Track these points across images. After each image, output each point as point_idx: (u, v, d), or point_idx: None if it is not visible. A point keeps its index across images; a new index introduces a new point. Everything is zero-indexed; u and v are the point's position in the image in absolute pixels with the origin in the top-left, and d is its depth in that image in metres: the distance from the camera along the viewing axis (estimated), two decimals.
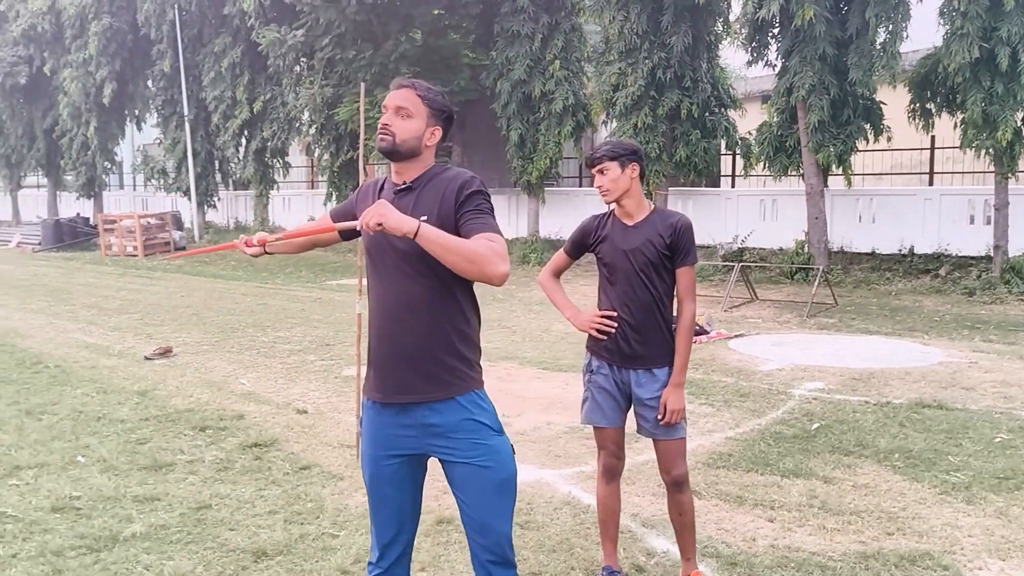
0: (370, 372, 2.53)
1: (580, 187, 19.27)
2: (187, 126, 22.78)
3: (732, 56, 16.84)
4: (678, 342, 3.22)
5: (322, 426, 5.76)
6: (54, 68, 24.96)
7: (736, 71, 19.67)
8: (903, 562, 3.58)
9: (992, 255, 12.35)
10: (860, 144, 13.41)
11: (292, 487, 4.54)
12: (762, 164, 14.49)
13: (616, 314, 3.24)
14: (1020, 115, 11.48)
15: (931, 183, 15.27)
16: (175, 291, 13.60)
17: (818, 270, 11.82)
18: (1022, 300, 11.26)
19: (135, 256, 20.88)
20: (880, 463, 4.87)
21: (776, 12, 12.36)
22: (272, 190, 22.68)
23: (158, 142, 25.90)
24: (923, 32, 12.76)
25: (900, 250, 13.73)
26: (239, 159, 23.21)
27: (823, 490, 4.44)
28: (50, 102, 26.44)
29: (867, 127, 13.30)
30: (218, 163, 23.82)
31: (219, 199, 24.52)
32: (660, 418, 3.19)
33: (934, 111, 12.91)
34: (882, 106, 13.28)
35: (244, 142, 22.54)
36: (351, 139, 18.75)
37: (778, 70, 13.73)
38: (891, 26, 12.14)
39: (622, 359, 3.25)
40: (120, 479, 4.65)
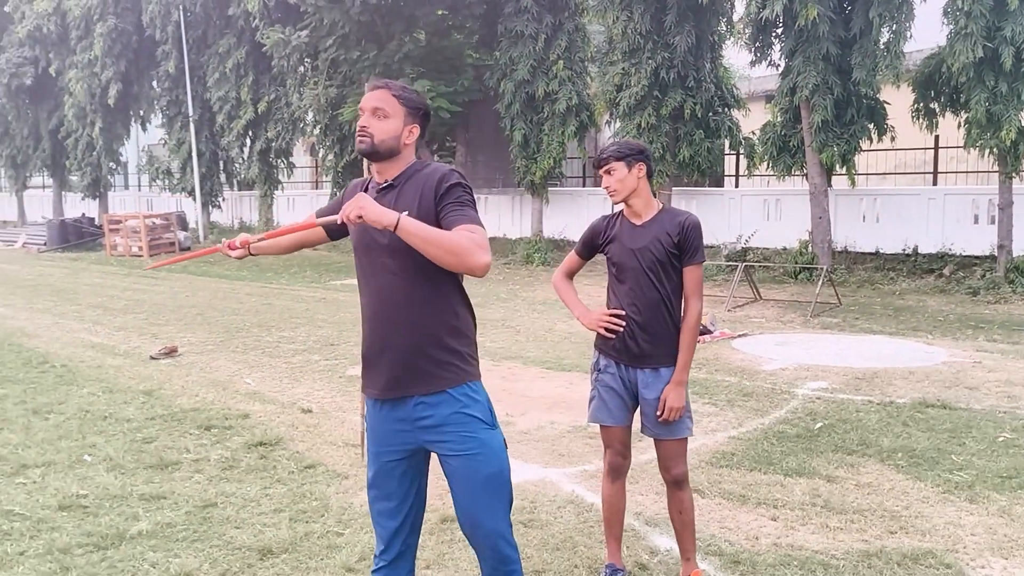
0: (364, 369, 2.56)
1: (584, 187, 19.26)
2: (192, 126, 22.84)
3: (736, 56, 16.93)
4: (682, 340, 3.22)
5: (326, 425, 5.79)
6: (59, 69, 25.03)
7: (740, 71, 19.70)
8: (906, 560, 3.59)
9: (996, 255, 12.35)
10: (864, 144, 13.41)
11: (297, 485, 4.56)
12: (766, 164, 14.50)
13: (624, 313, 3.24)
14: None
15: (935, 183, 15.25)
16: (180, 291, 13.64)
17: (822, 270, 11.82)
18: None
19: (140, 256, 20.93)
20: (883, 462, 4.88)
21: (779, 12, 12.36)
22: (276, 190, 22.71)
23: (163, 143, 25.96)
24: (927, 31, 12.78)
25: (904, 250, 13.72)
26: (243, 159, 23.27)
27: (826, 489, 4.45)
28: (55, 103, 26.53)
29: (871, 127, 13.31)
30: (222, 163, 23.86)
31: (223, 199, 24.57)
32: (659, 415, 3.20)
33: (938, 111, 12.90)
34: (886, 106, 13.28)
35: (248, 142, 22.59)
36: (355, 139, 18.76)
37: (782, 70, 13.73)
38: (895, 26, 12.15)
39: (630, 358, 3.25)
40: (126, 478, 4.68)
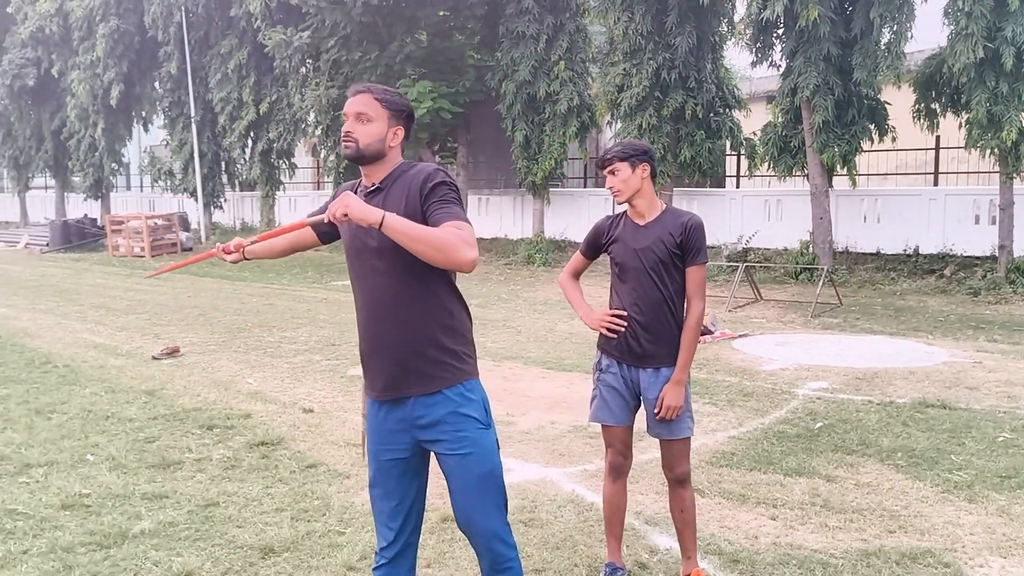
0: (364, 371, 2.59)
1: (585, 188, 19.28)
2: (193, 127, 22.87)
3: (736, 57, 16.92)
4: (683, 339, 3.23)
5: (328, 425, 5.81)
6: (62, 70, 25.07)
7: (740, 72, 19.71)
8: (904, 559, 3.60)
9: (997, 255, 12.35)
10: (865, 144, 13.42)
11: (299, 485, 4.58)
12: (767, 164, 14.51)
13: (626, 313, 3.26)
14: None
15: (936, 183, 15.25)
16: (182, 292, 13.67)
17: (822, 270, 11.82)
18: None
19: (142, 257, 20.98)
20: (883, 462, 4.89)
21: (780, 13, 12.38)
22: (278, 191, 22.75)
23: (165, 143, 25.99)
24: (928, 32, 12.77)
25: (905, 250, 13.73)
26: (245, 160, 23.29)
27: (825, 488, 4.47)
28: (58, 104, 26.58)
29: (872, 127, 13.31)
30: (224, 164, 23.89)
31: (225, 200, 24.60)
32: (656, 413, 3.22)
33: (939, 111, 12.90)
34: (887, 106, 13.29)
35: (250, 143, 22.63)
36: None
37: (782, 70, 13.74)
38: (895, 26, 12.16)
39: (632, 358, 3.27)
40: (129, 477, 4.70)
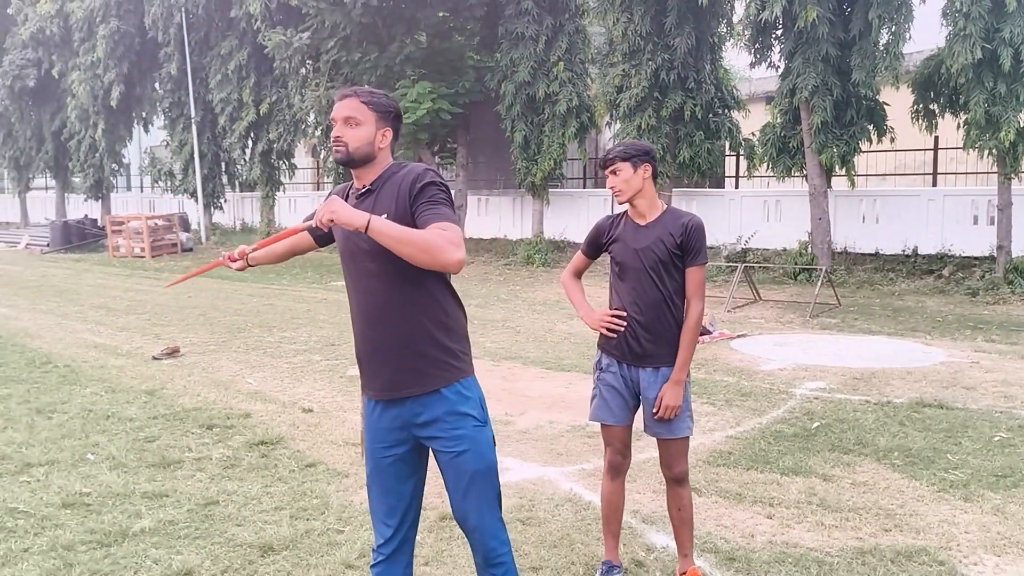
0: (361, 371, 2.62)
1: (584, 188, 19.30)
2: (194, 128, 22.91)
3: (735, 57, 16.92)
4: (682, 339, 3.25)
5: (327, 424, 5.83)
6: (62, 71, 25.11)
7: (739, 72, 19.71)
8: (899, 558, 3.62)
9: (995, 255, 12.37)
10: (863, 145, 13.44)
11: (298, 484, 4.61)
12: (765, 165, 14.53)
13: (626, 313, 3.28)
14: (1023, 115, 11.50)
15: (934, 184, 15.26)
16: (182, 292, 13.69)
17: (821, 271, 11.85)
18: None
19: (143, 257, 21.00)
20: (879, 461, 4.92)
21: (779, 14, 12.40)
22: (278, 192, 22.78)
23: (165, 144, 26.04)
24: (926, 33, 12.80)
25: (903, 251, 13.75)
26: (245, 161, 23.33)
27: (822, 488, 4.49)
28: (58, 104, 26.62)
29: (870, 128, 13.34)
30: (224, 165, 23.93)
31: (225, 201, 24.64)
32: (654, 412, 3.24)
33: (937, 112, 12.92)
34: (885, 107, 13.31)
35: (250, 144, 22.66)
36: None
37: (781, 71, 13.77)
38: (894, 27, 12.17)
39: (632, 357, 3.29)
40: (129, 476, 4.73)
